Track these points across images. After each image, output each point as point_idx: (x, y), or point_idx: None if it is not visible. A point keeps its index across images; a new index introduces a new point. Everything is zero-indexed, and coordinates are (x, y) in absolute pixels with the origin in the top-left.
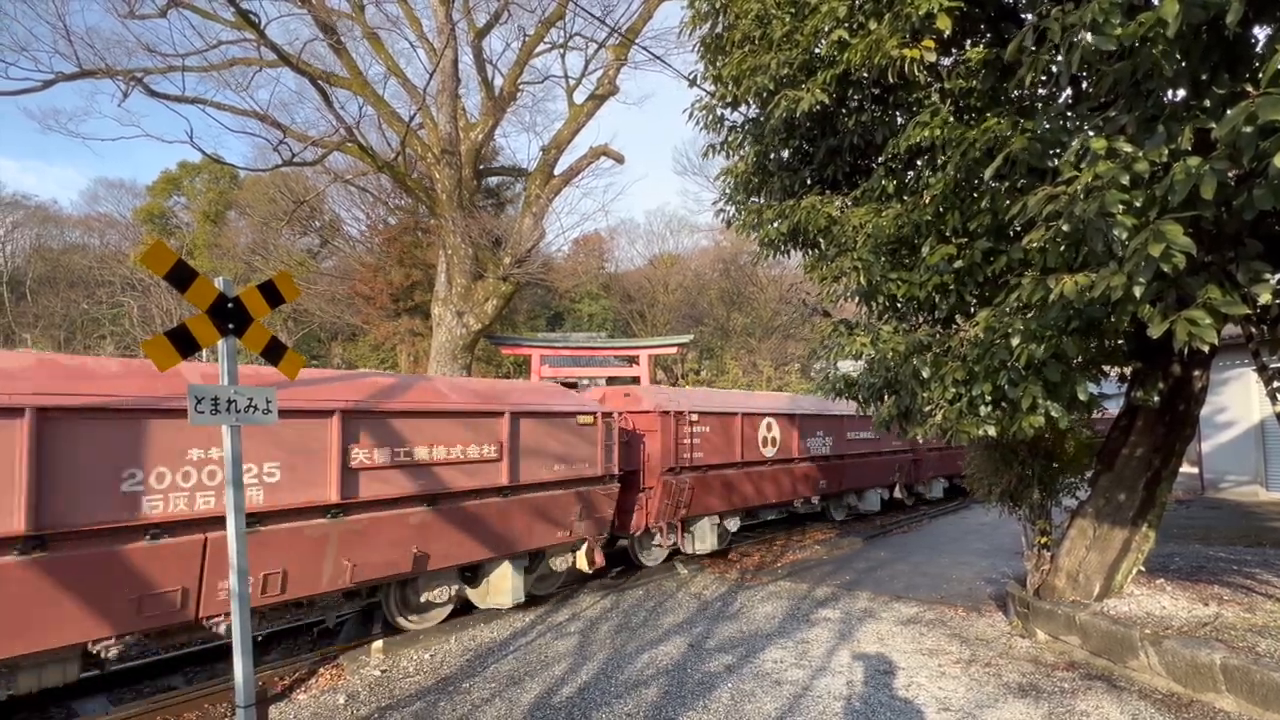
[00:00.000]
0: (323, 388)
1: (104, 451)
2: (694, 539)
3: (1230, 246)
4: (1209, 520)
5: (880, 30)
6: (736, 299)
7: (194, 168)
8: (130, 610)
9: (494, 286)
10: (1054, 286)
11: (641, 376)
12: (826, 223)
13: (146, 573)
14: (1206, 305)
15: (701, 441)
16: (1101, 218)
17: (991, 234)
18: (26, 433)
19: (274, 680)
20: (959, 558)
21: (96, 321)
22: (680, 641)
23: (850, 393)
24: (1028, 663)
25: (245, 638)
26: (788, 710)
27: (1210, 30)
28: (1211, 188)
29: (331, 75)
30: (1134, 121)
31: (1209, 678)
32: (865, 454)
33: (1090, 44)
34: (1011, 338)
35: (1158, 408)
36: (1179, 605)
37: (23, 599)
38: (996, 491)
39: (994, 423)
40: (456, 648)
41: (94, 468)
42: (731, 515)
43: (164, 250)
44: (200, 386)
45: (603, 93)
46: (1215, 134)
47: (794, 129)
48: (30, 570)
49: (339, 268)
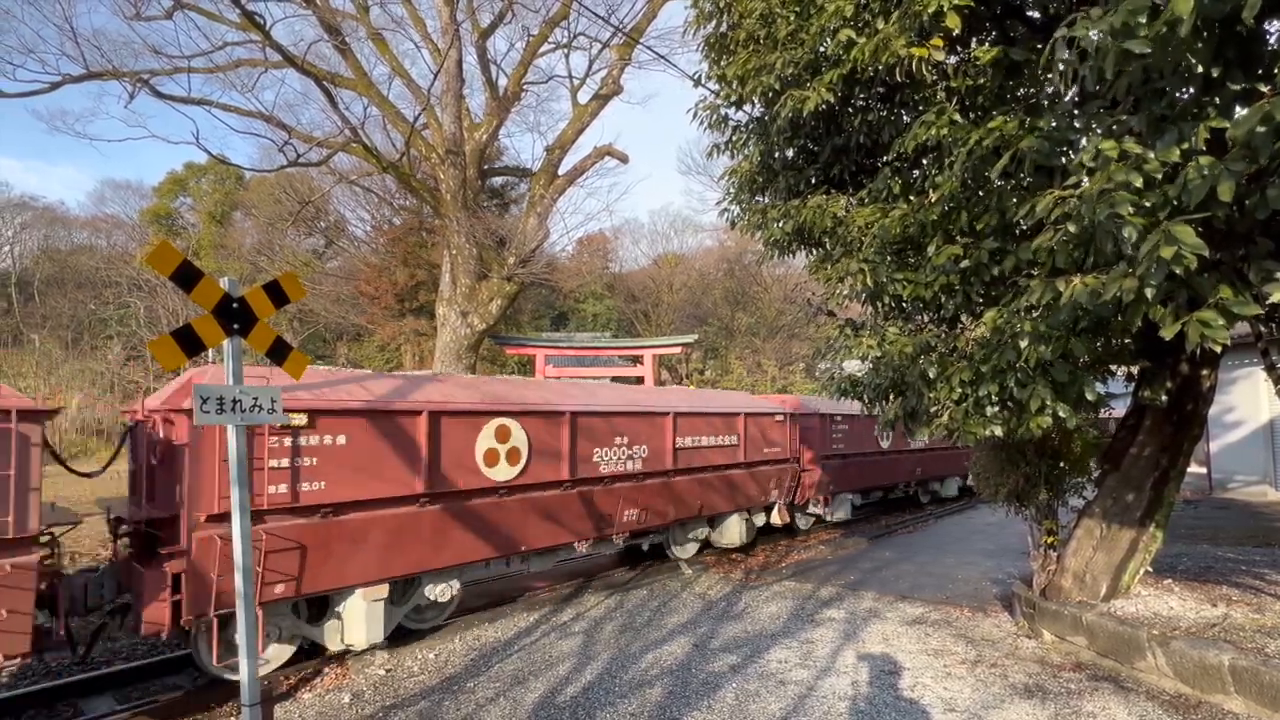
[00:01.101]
0: (662, 397)
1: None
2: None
3: (1241, 245)
4: (1217, 520)
5: (888, 29)
6: (741, 298)
7: (200, 169)
8: None
9: (498, 286)
10: (1064, 289)
11: (646, 376)
12: (832, 223)
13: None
14: (1218, 305)
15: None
16: (1111, 220)
17: (998, 234)
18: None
19: (280, 679)
20: (964, 558)
21: (103, 322)
22: (684, 641)
23: (855, 392)
24: (1034, 663)
25: (251, 637)
26: (792, 710)
27: (1223, 25)
28: (1230, 190)
29: (336, 76)
30: (1144, 121)
31: (1217, 679)
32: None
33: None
34: (1020, 339)
35: (1165, 407)
36: (1187, 606)
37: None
38: (1003, 491)
39: (1000, 423)
40: (461, 647)
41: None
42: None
43: (169, 250)
44: (205, 386)
45: (607, 92)
46: (1230, 134)
47: (799, 128)
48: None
49: (344, 268)
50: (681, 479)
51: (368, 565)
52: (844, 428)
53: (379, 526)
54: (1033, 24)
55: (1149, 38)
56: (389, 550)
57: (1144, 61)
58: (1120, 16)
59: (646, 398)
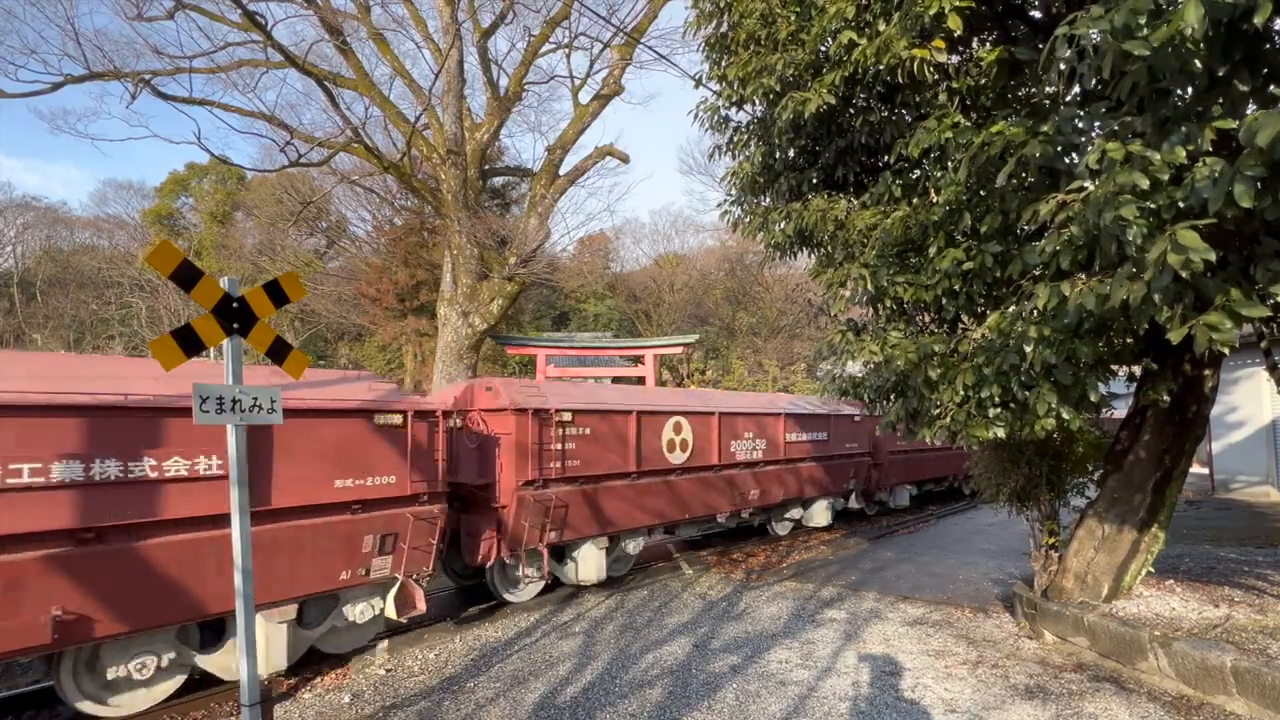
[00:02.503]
0: (773, 402)
1: None
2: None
3: (1246, 246)
4: (1219, 521)
5: (889, 31)
6: (742, 298)
7: (201, 169)
8: None
9: (499, 286)
10: (1069, 293)
11: (647, 376)
12: (834, 227)
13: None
14: (1226, 308)
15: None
16: (1116, 224)
17: (1001, 235)
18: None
19: (279, 680)
20: (965, 558)
21: (105, 322)
22: (685, 642)
23: (856, 393)
24: (1035, 664)
25: (251, 637)
26: (793, 711)
27: (1229, 25)
28: (1250, 196)
29: (337, 76)
30: (1148, 122)
31: (1219, 680)
32: None
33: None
34: (1025, 343)
35: (1167, 407)
36: (1189, 607)
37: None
38: (1004, 492)
39: (1003, 424)
40: (461, 647)
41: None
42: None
43: (169, 250)
44: (204, 385)
45: (608, 92)
46: (1245, 137)
47: (800, 129)
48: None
49: (345, 268)
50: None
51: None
52: None
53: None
54: (1034, 23)
55: (1152, 40)
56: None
57: (1147, 62)
58: (1121, 16)
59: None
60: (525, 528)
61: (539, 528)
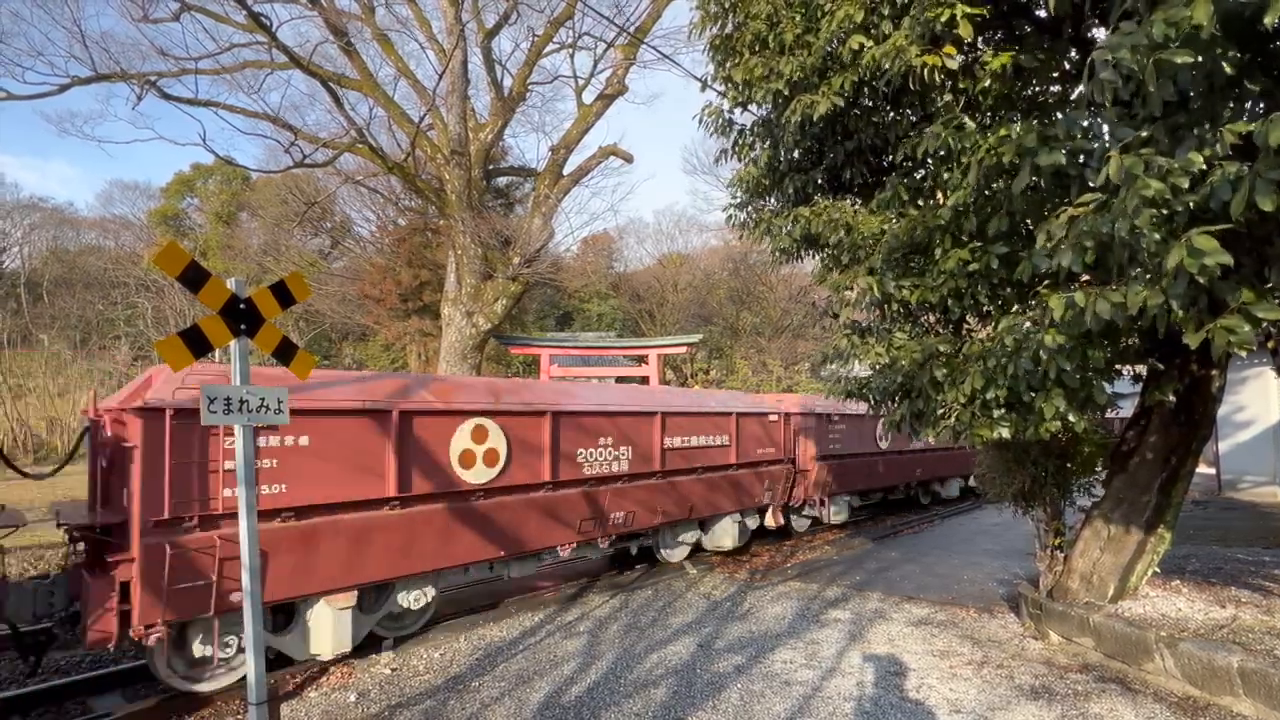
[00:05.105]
0: (647, 397)
1: None
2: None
3: (1258, 248)
4: (1226, 521)
5: (899, 36)
6: (746, 298)
7: (207, 170)
8: None
9: (503, 286)
10: (1083, 303)
11: (651, 376)
12: (843, 231)
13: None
14: (1242, 310)
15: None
16: (1132, 234)
17: (1007, 238)
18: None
19: (286, 678)
20: (970, 558)
21: (111, 322)
22: (689, 641)
23: (862, 395)
24: (1040, 665)
25: (258, 636)
26: (798, 711)
27: (1241, 26)
28: (1273, 201)
29: (342, 77)
30: (1164, 129)
31: (1226, 681)
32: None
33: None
34: (1039, 350)
35: (1173, 407)
36: (1195, 607)
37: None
38: (1009, 492)
39: (1008, 425)
40: (466, 647)
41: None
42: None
43: (177, 251)
44: (212, 387)
45: (611, 92)
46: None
47: (807, 132)
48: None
49: (350, 268)
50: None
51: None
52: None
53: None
54: (1040, 23)
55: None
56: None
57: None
58: (1159, 29)
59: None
60: None
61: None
